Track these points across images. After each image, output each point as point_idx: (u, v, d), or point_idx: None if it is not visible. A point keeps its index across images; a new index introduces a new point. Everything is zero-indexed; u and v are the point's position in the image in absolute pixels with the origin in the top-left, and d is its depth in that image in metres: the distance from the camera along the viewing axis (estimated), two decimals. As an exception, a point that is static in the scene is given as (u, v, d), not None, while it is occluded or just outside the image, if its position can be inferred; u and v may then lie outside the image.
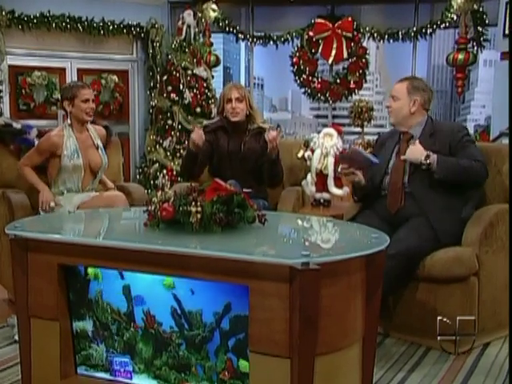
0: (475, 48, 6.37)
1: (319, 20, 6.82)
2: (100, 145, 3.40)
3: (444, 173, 2.73)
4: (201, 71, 6.49)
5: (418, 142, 2.82)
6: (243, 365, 1.82)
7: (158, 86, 6.53)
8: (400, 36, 6.74)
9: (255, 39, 7.07)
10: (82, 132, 3.35)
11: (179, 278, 1.87)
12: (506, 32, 5.47)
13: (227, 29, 6.95)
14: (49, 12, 6.10)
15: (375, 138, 3.63)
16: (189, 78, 6.43)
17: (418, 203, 2.79)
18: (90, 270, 2.00)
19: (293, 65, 7.01)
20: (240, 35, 7.04)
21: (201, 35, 6.74)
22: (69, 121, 3.33)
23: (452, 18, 6.43)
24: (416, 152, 2.78)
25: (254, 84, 7.87)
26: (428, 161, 2.73)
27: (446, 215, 2.76)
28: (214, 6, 6.76)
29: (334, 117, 7.59)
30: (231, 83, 3.63)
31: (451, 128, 2.92)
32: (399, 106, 2.92)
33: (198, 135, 3.21)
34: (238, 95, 3.36)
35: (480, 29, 6.32)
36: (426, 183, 2.79)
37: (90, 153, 3.33)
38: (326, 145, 3.60)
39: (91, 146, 3.36)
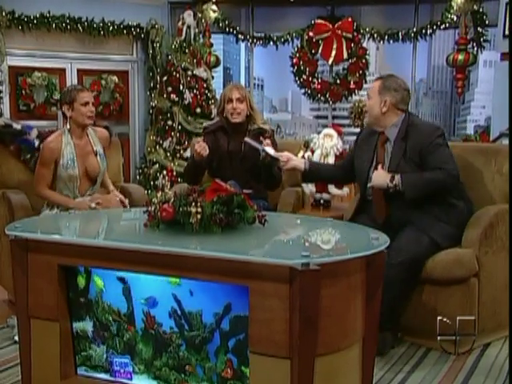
0: (475, 49, 6.38)
1: (319, 21, 6.83)
2: (99, 151, 3.30)
3: (412, 191, 2.68)
4: (201, 72, 6.50)
5: (380, 167, 2.79)
6: (243, 365, 1.82)
7: (158, 86, 6.53)
8: (400, 37, 6.75)
9: (255, 40, 7.07)
10: (82, 138, 3.24)
11: (179, 278, 1.87)
12: (506, 33, 5.46)
13: (227, 29, 6.96)
14: (49, 12, 6.10)
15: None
16: (189, 78, 6.43)
17: (406, 213, 2.76)
18: (80, 279, 2.01)
19: (293, 65, 7.02)
20: (240, 36, 7.05)
21: (201, 36, 6.75)
22: (68, 126, 3.21)
23: (452, 19, 6.44)
24: (380, 177, 2.75)
25: (254, 85, 7.87)
26: (393, 182, 2.69)
27: (438, 219, 2.74)
28: (214, 7, 6.77)
29: (333, 117, 7.59)
30: (232, 83, 3.63)
31: (424, 131, 2.78)
32: (371, 105, 2.88)
33: (201, 147, 3.25)
34: (239, 95, 3.37)
35: (480, 29, 6.33)
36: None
37: (88, 159, 3.22)
38: (326, 145, 3.61)
39: (90, 152, 3.25)
